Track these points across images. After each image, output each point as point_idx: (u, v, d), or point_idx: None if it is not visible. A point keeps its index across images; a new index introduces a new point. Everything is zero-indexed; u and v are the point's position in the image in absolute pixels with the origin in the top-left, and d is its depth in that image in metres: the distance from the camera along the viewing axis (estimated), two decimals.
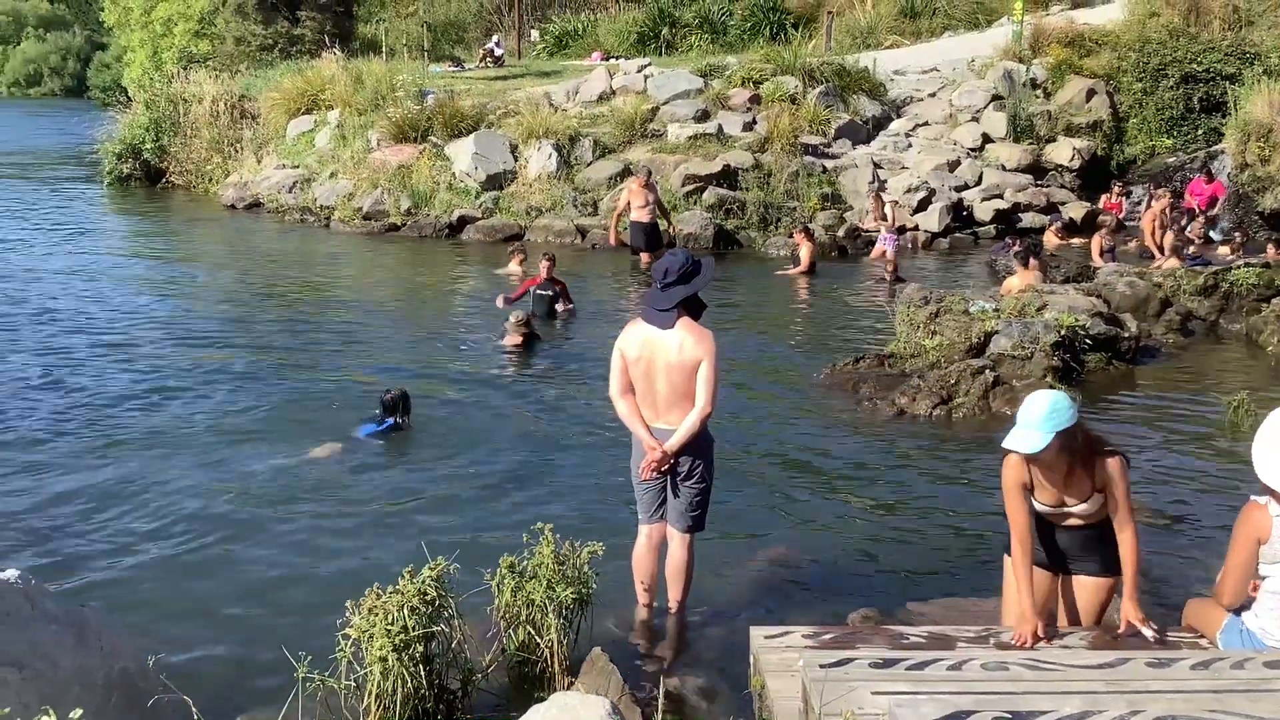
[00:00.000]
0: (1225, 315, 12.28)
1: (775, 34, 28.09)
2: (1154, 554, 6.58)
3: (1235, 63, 20.35)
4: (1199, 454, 8.44)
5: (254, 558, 6.61)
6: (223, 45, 35.49)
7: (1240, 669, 3.85)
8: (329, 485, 7.75)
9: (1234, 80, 19.84)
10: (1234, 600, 4.43)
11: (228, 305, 13.90)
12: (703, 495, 5.54)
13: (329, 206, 20.77)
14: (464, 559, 5.06)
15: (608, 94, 21.99)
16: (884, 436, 8.92)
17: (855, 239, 17.95)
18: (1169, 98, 20.76)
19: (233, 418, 9.28)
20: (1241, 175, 18.23)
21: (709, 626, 5.68)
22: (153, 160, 26.26)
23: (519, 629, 4.93)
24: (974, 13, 27.85)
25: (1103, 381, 10.28)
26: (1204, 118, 20.54)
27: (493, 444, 8.67)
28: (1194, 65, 20.61)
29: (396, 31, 32.57)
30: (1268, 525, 4.27)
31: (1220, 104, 19.98)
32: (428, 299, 14.69)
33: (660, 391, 5.37)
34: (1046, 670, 3.81)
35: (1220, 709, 3.54)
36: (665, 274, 5.36)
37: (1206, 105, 20.49)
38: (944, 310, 10.84)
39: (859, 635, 4.71)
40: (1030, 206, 19.35)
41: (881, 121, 21.40)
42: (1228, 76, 20.12)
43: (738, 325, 12.69)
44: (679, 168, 18.74)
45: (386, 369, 10.75)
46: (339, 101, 23.23)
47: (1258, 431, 4.41)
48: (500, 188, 19.91)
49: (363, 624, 4.41)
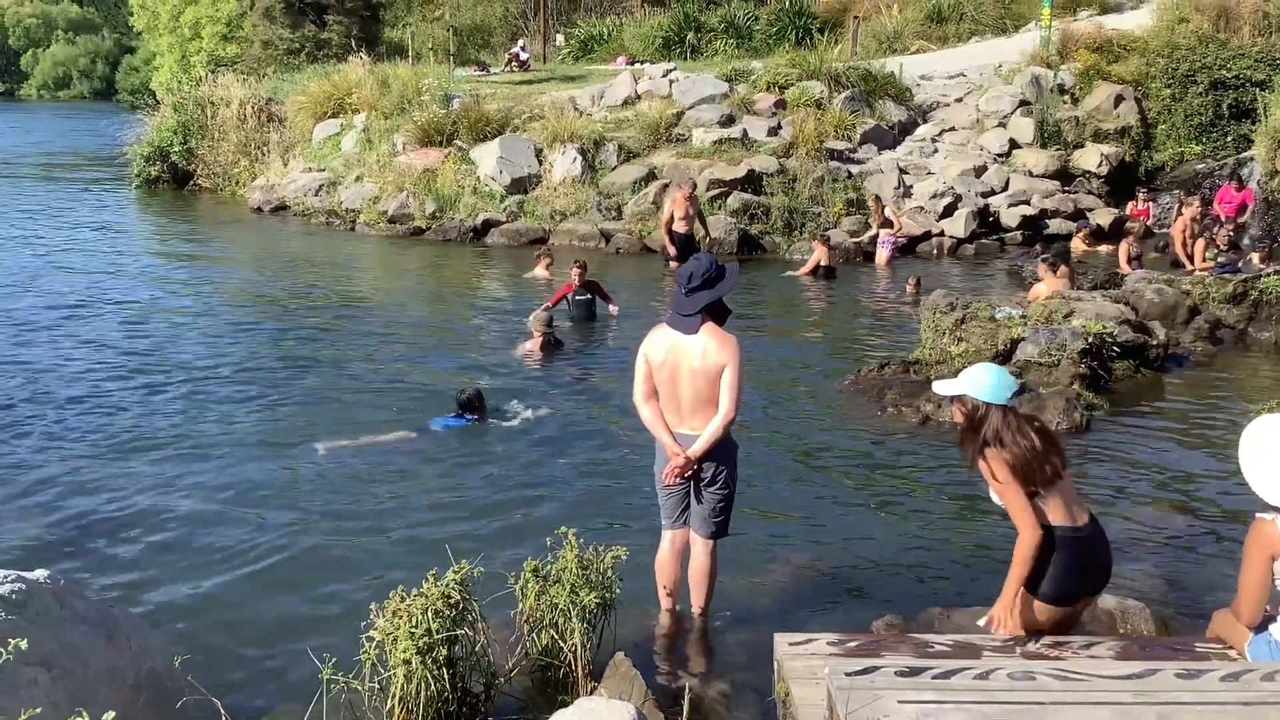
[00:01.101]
0: (1254, 323, 12.16)
1: (801, 39, 28.05)
2: (1181, 564, 6.54)
3: (1265, 69, 20.15)
4: (1227, 463, 8.34)
5: (278, 560, 6.64)
6: (250, 49, 35.73)
7: (1271, 681, 3.81)
8: (351, 489, 7.78)
9: (1264, 87, 19.64)
10: (1253, 619, 4.37)
11: (253, 308, 13.98)
12: (726, 501, 5.53)
13: (354, 210, 20.89)
14: (488, 562, 5.07)
15: (632, 98, 22.00)
16: (909, 443, 8.88)
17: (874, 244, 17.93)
18: (1198, 104, 20.58)
19: (256, 419, 9.34)
20: (1271, 182, 18.03)
21: (732, 632, 5.67)
22: (180, 163, 26.46)
23: (542, 633, 4.93)
24: (1001, 18, 27.71)
25: (1130, 389, 10.21)
26: (1233, 124, 20.34)
27: (516, 448, 8.69)
28: (1223, 71, 20.42)
29: (422, 35, 32.73)
30: (1279, 541, 4.23)
31: (1250, 110, 19.79)
32: (454, 302, 14.74)
33: (684, 397, 5.36)
34: (1074, 681, 3.78)
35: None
36: (690, 279, 5.35)
37: (1236, 112, 20.29)
38: (970, 317, 10.77)
39: (884, 643, 4.69)
40: (1057, 213, 19.24)
41: (908, 127, 21.32)
42: (1258, 83, 19.92)
43: (762, 331, 12.67)
44: (704, 172, 18.73)
45: (411, 373, 10.79)
46: (365, 105, 23.34)
47: (1242, 447, 4.37)
48: (525, 191, 19.95)
49: (387, 626, 4.43)
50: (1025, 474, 4.54)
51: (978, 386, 4.69)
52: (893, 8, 29.63)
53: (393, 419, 9.27)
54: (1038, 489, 4.57)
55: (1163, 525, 7.07)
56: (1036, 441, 4.57)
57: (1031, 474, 4.55)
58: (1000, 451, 4.55)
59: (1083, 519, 4.66)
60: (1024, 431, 4.60)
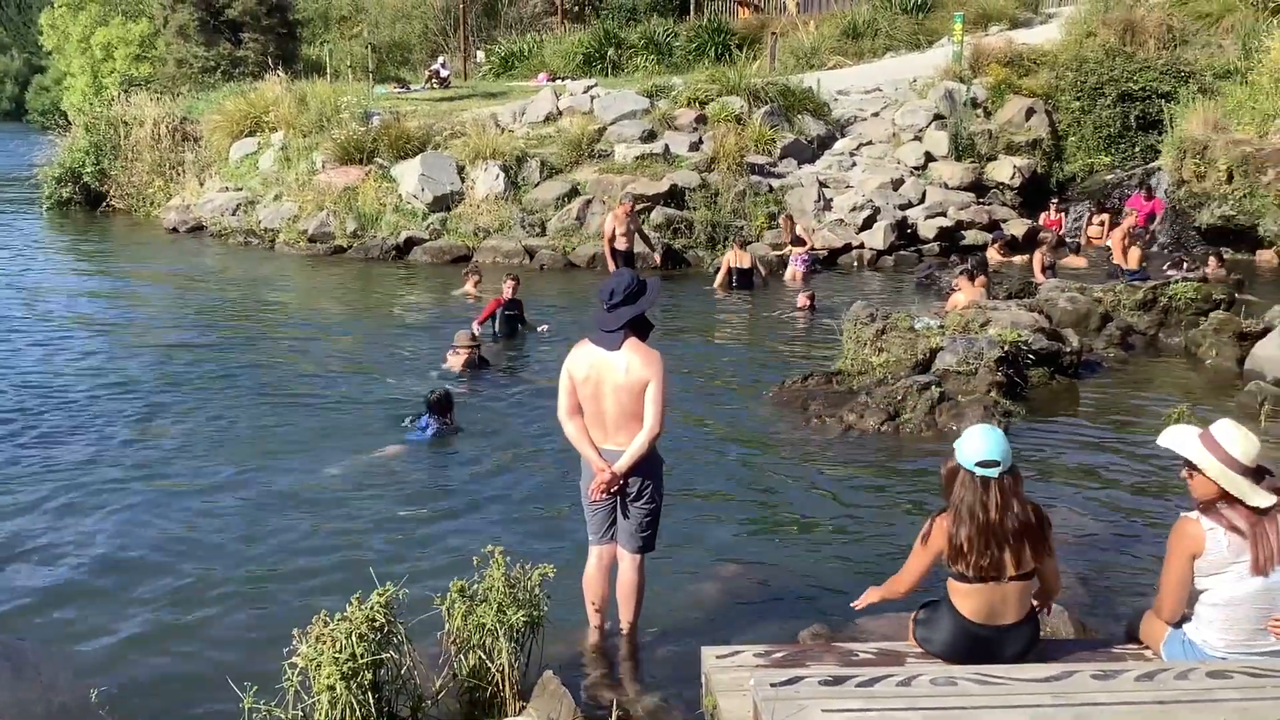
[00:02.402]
0: (1164, 329, 12.48)
1: (720, 55, 28.30)
2: (1098, 566, 6.68)
3: (1170, 81, 20.75)
4: (1140, 466, 8.57)
5: (199, 588, 6.51)
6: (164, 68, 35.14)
7: (1184, 680, 3.91)
8: (272, 513, 7.66)
9: (1169, 98, 20.24)
10: (1173, 615, 4.49)
11: (169, 330, 13.70)
12: (653, 515, 5.54)
13: (273, 229, 20.62)
14: (413, 584, 5.03)
15: (554, 115, 22.02)
16: (833, 453, 8.98)
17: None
18: (1106, 116, 21.12)
19: (170, 445, 9.15)
20: (1178, 191, 18.59)
21: (661, 647, 5.67)
22: (93, 184, 25.95)
23: (469, 654, 4.89)
24: (915, 33, 28.19)
25: (1045, 396, 10.42)
26: (1141, 135, 20.91)
27: (441, 467, 8.63)
28: (1130, 84, 20.99)
29: (341, 53, 32.44)
30: (1201, 540, 4.34)
31: (1156, 122, 20.36)
32: (379, 320, 14.57)
33: (608, 412, 5.37)
34: (994, 684, 3.85)
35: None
36: (611, 295, 5.37)
37: (1143, 123, 20.87)
38: (890, 327, 10.94)
39: (810, 653, 4.73)
40: (973, 224, 19.61)
41: (826, 141, 21.60)
42: (1163, 95, 20.50)
43: (685, 345, 12.73)
44: (626, 188, 18.79)
45: (334, 393, 10.67)
46: (283, 123, 23.06)
47: (1163, 435, 4.60)
48: (448, 209, 19.85)
49: (310, 652, 4.36)
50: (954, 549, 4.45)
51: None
52: (809, 24, 30.02)
53: (317, 441, 9.15)
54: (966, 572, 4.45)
55: (1080, 529, 7.21)
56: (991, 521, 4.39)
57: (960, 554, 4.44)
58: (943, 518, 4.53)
59: (1004, 620, 4.51)
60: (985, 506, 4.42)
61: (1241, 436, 4.42)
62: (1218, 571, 4.35)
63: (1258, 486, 4.39)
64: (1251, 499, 4.34)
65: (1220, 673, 3.96)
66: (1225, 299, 12.62)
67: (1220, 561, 4.33)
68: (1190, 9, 22.93)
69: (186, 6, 33.55)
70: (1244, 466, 4.36)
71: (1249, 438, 4.44)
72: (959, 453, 4.49)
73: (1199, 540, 4.35)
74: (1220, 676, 3.92)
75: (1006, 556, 4.38)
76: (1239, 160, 17.48)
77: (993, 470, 4.40)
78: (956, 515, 4.43)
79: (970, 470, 4.43)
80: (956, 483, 4.47)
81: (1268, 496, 4.36)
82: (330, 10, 41.91)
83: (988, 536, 4.36)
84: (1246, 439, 4.42)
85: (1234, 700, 3.72)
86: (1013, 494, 4.41)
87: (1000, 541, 4.37)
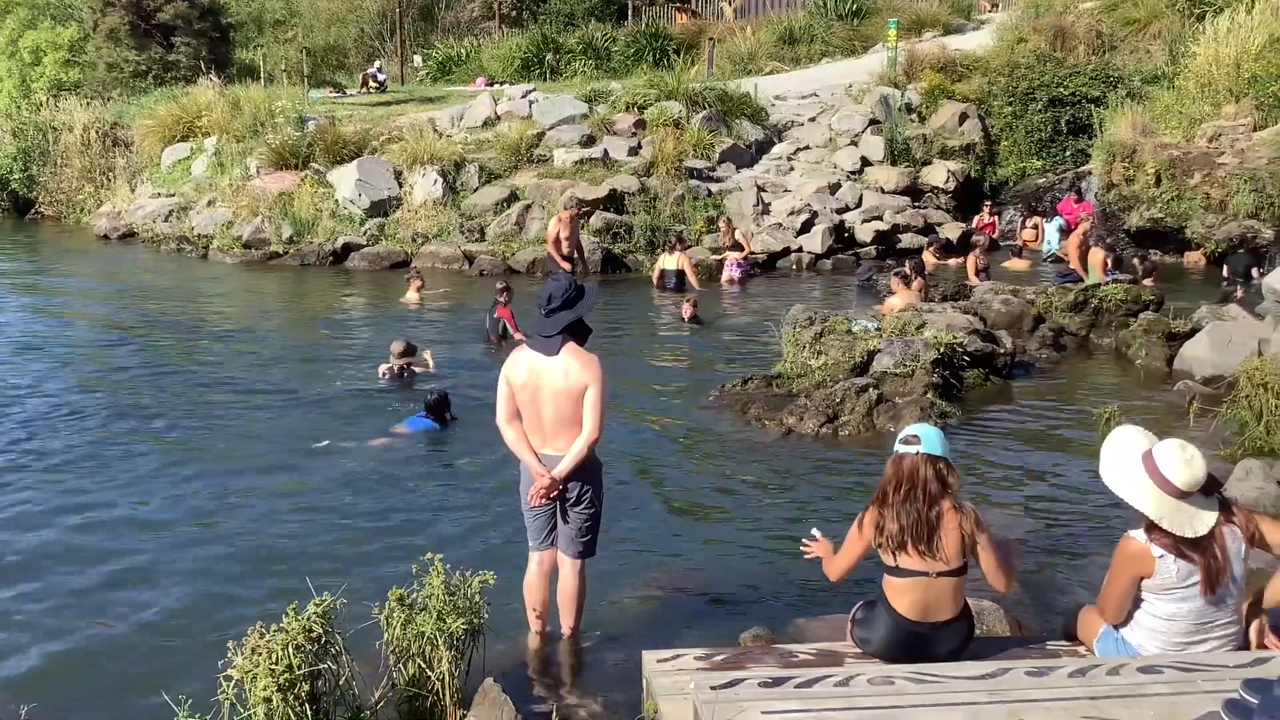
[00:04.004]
0: (1095, 330, 12.69)
1: (658, 60, 28.41)
2: (1033, 564, 6.78)
3: (1100, 86, 21.15)
4: (1073, 464, 8.72)
5: (132, 600, 6.40)
6: (94, 72, 34.52)
7: (1115, 675, 3.98)
8: (204, 522, 7.55)
9: (1099, 103, 20.62)
10: (1115, 620, 4.51)
11: (100, 338, 13.46)
12: (593, 520, 5.54)
13: (207, 235, 20.34)
14: (351, 593, 4.97)
15: (493, 119, 21.95)
16: (773, 456, 9.03)
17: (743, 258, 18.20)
18: (1038, 121, 21.47)
19: (101, 454, 8.99)
20: (1108, 194, 18.94)
21: (602, 652, 5.67)
22: (21, 191, 25.52)
23: (409, 663, 4.85)
24: (850, 39, 28.49)
25: (980, 397, 10.57)
26: (1071, 140, 21.28)
27: (380, 475, 8.56)
28: (1061, 89, 21.36)
29: (275, 57, 32.08)
30: (1150, 565, 4.30)
31: (1087, 126, 20.74)
32: (316, 327, 14.40)
33: (547, 418, 5.36)
34: (930, 683, 3.89)
35: (1096, 715, 3.65)
36: (550, 299, 5.36)
37: (1074, 127, 21.23)
38: (828, 330, 11.04)
39: (750, 655, 4.75)
40: (909, 227, 19.83)
41: (764, 145, 21.74)
42: (1093, 100, 20.89)
43: (625, 349, 12.74)
44: (566, 193, 18.76)
45: (271, 401, 10.54)
46: (216, 128, 22.78)
47: (1104, 457, 4.48)
48: (385, 214, 19.70)
49: (245, 664, 4.30)
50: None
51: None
52: (746, 29, 30.22)
53: (254, 449, 9.04)
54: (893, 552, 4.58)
55: (1015, 527, 7.31)
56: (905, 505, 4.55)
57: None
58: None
59: (938, 616, 4.58)
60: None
61: (1183, 463, 4.26)
62: (1165, 591, 4.33)
63: (1198, 510, 4.27)
64: (1184, 529, 4.24)
65: (1151, 668, 4.04)
66: (1154, 300, 12.87)
67: (1169, 584, 4.31)
68: (1119, 15, 23.39)
69: (117, 10, 32.91)
70: (1181, 492, 4.23)
71: (1192, 463, 4.26)
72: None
73: (1148, 564, 4.30)
74: (1151, 671, 3.99)
75: (925, 535, 4.50)
76: (1167, 164, 17.84)
77: (912, 447, 4.57)
78: (880, 492, 4.64)
79: (895, 450, 4.66)
80: (887, 464, 4.68)
81: (1206, 519, 4.27)
82: (264, 14, 41.40)
83: (900, 509, 4.53)
84: (1188, 465, 4.25)
85: (1164, 695, 3.79)
86: (932, 473, 4.54)
87: (918, 526, 4.50)
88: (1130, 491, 4.33)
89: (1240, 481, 7.54)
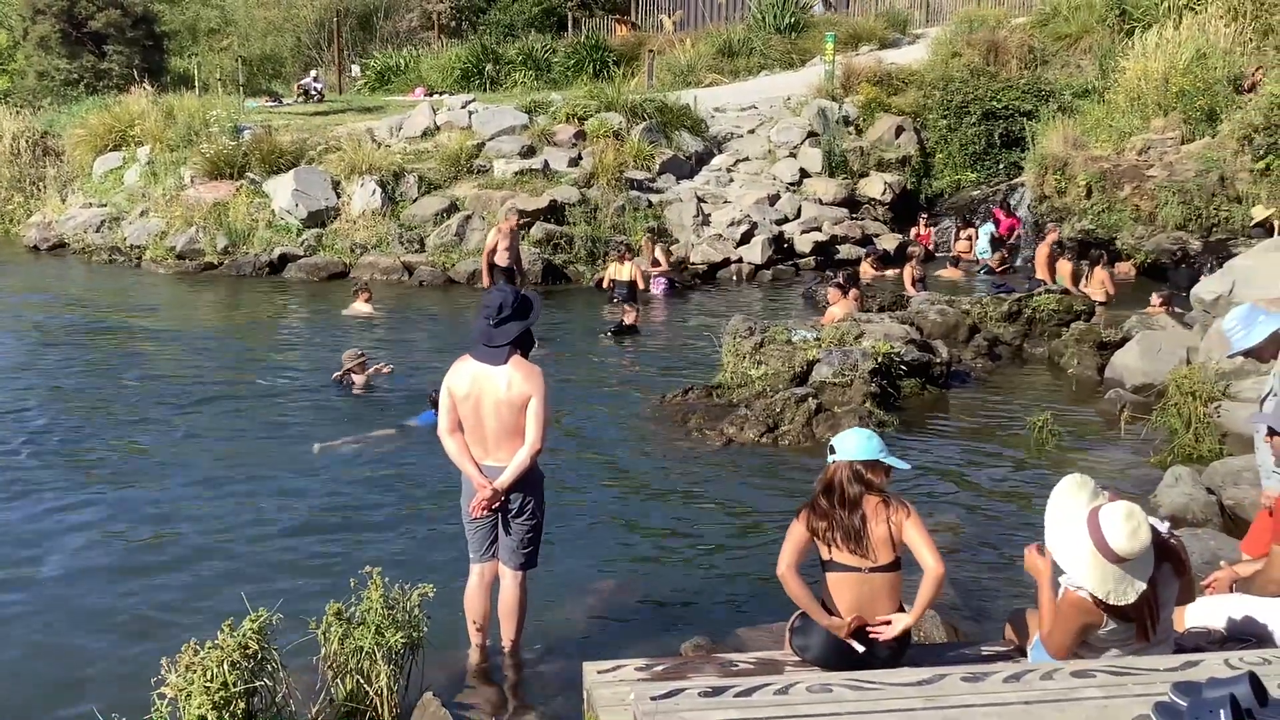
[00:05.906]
0: (1029, 339, 12.90)
1: (598, 71, 28.45)
2: (969, 571, 6.87)
3: (1032, 100, 21.53)
4: (1007, 471, 8.86)
5: (61, 615, 6.27)
6: (24, 81, 33.87)
7: (1049, 680, 4.03)
8: (136, 537, 7.41)
9: (1031, 117, 20.99)
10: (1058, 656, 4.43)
11: (31, 351, 13.18)
12: (534, 532, 5.53)
13: (140, 246, 20.02)
14: (288, 608, 4.92)
15: (432, 130, 21.86)
16: (713, 466, 9.06)
17: (681, 269, 18.25)
18: (971, 134, 21.80)
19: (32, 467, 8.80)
20: (1040, 206, 19.28)
21: (544, 664, 5.66)
22: None
23: (347, 678, 4.80)
24: (788, 53, 28.72)
25: (917, 405, 10.69)
26: (1004, 152, 21.63)
27: (319, 485, 8.46)
28: (994, 103, 21.71)
29: (210, 66, 31.63)
30: (1099, 620, 4.29)
31: (1019, 139, 21.10)
32: (251, 338, 14.22)
33: (489, 428, 5.34)
34: (868, 690, 3.92)
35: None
36: (500, 309, 5.34)
37: (1007, 140, 21.59)
38: (768, 340, 11.10)
39: (690, 665, 4.76)
40: (847, 239, 20.05)
41: (704, 157, 21.87)
42: (1026, 113, 21.26)
43: (566, 360, 12.72)
44: (506, 203, 18.72)
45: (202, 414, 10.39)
46: (149, 137, 22.45)
47: (1049, 511, 4.40)
48: (323, 225, 19.52)
49: (180, 682, 4.23)
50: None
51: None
52: (685, 42, 30.36)
53: (193, 461, 8.90)
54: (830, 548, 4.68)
55: (951, 534, 7.41)
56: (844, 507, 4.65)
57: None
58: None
59: (877, 614, 4.65)
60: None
61: (1128, 534, 4.13)
62: (1107, 641, 4.36)
63: (1133, 579, 4.20)
64: (1121, 599, 4.20)
65: (1084, 672, 4.10)
66: (1085, 310, 13.11)
67: (1111, 637, 4.34)
68: (1050, 30, 23.82)
69: (48, 18, 32.34)
70: (1118, 558, 4.16)
71: (1137, 533, 4.14)
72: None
73: (1095, 620, 4.29)
74: (1083, 676, 4.05)
75: (854, 536, 4.60)
76: (1097, 176, 18.20)
77: (831, 456, 4.75)
78: (812, 497, 4.77)
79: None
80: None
81: (1139, 586, 4.21)
82: (199, 22, 40.91)
83: (829, 514, 4.65)
84: (1133, 537, 4.14)
85: (1096, 699, 3.85)
86: (850, 475, 4.66)
87: (847, 530, 4.61)
88: (1071, 562, 4.27)
89: (1169, 488, 7.71)
